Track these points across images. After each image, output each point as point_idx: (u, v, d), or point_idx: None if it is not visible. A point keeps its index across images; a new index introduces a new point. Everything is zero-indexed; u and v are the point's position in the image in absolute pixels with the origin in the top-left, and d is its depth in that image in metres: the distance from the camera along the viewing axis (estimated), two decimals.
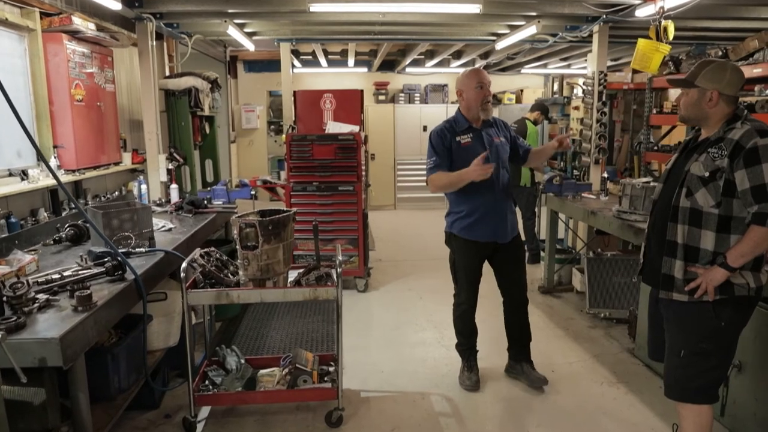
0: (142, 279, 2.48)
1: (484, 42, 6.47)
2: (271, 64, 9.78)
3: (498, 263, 3.34)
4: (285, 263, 2.82)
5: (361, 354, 3.79)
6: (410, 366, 3.68)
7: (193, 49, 5.76)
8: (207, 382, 3.00)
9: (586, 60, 8.90)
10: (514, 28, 5.50)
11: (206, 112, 5.41)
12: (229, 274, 2.88)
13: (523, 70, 10.17)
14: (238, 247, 2.73)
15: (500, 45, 6.12)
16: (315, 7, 4.25)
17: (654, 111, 5.91)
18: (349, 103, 5.37)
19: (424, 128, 9.86)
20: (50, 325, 1.93)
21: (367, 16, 4.98)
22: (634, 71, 7.28)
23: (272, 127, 11.10)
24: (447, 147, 3.14)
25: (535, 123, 6.09)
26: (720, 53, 4.95)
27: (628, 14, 4.38)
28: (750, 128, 2.11)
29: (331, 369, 3.20)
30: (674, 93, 8.80)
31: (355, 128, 5.29)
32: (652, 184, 3.81)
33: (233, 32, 5.24)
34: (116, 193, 4.35)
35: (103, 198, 4.19)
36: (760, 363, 2.60)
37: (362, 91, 5.53)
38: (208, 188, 4.77)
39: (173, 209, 4.03)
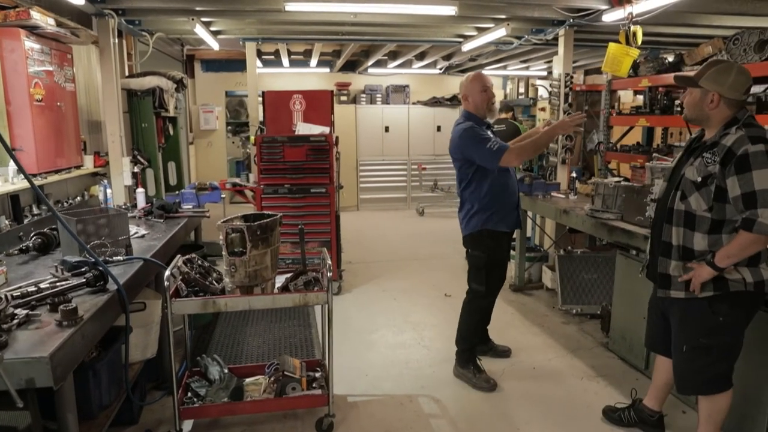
0: (124, 289, 2.35)
1: (450, 44, 6.52)
2: (230, 64, 9.56)
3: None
4: (273, 269, 2.75)
5: (343, 358, 3.74)
6: (394, 369, 3.65)
7: (149, 47, 5.54)
8: (190, 393, 2.88)
9: (545, 62, 9.15)
10: (481, 30, 5.57)
11: (171, 113, 5.21)
12: (213, 282, 2.78)
13: (483, 72, 10.32)
14: (224, 253, 2.64)
15: (467, 47, 6.18)
16: (290, 6, 4.17)
17: (613, 112, 6.12)
18: (320, 104, 5.29)
19: (386, 129, 9.89)
20: (35, 342, 1.80)
21: (339, 16, 4.93)
22: (586, 73, 7.52)
23: (229, 128, 10.85)
24: (488, 131, 3.28)
25: None
26: (675, 58, 5.18)
27: (594, 19, 4.51)
28: (743, 134, 2.16)
29: (318, 375, 3.14)
30: (623, 95, 9.15)
31: (326, 129, 5.23)
32: (623, 183, 3.94)
33: (200, 31, 5.07)
34: (78, 198, 4.13)
35: (65, 204, 3.96)
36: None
37: (332, 91, 5.46)
38: (177, 192, 4.58)
39: (142, 214, 3.86)
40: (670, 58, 5.39)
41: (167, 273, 2.55)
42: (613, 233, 3.68)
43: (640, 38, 4.02)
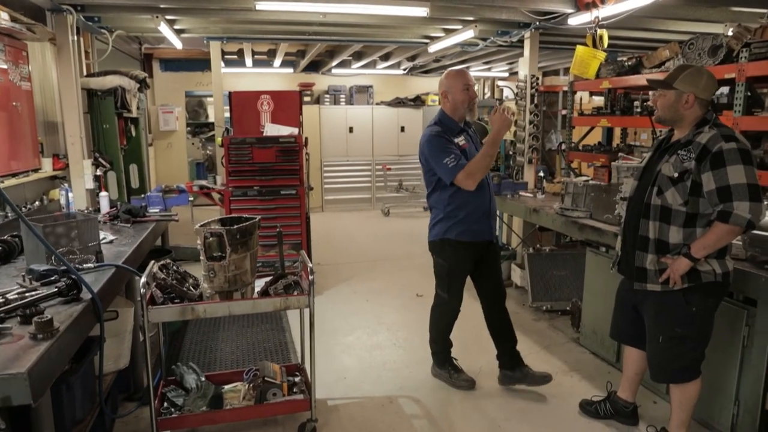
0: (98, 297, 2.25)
1: (417, 45, 6.55)
2: (190, 63, 9.33)
3: (483, 265, 3.30)
4: (252, 273, 2.69)
5: (320, 361, 3.66)
6: (372, 371, 3.64)
7: (107, 45, 5.34)
8: (166, 404, 2.79)
9: (507, 63, 9.32)
10: (449, 32, 5.62)
11: (134, 114, 5.03)
12: (190, 287, 2.70)
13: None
14: (202, 258, 2.56)
15: (433, 48, 6.23)
16: (261, 6, 4.09)
17: (576, 113, 6.29)
18: (288, 105, 5.22)
19: (351, 129, 9.86)
20: (9, 357, 1.70)
21: (308, 16, 4.87)
22: (544, 74, 7.73)
23: (188, 129, 10.58)
24: (452, 145, 3.05)
25: None
26: (634, 61, 5.36)
27: (560, 22, 4.62)
28: (716, 133, 2.28)
29: (297, 379, 3.10)
30: (578, 97, 9.43)
31: (295, 130, 5.17)
32: (591, 182, 4.05)
33: (164, 29, 4.92)
34: (37, 203, 3.93)
35: (24, 209, 3.76)
36: None
37: (301, 92, 5.40)
38: (142, 195, 4.43)
39: (108, 219, 3.71)
40: (629, 61, 5.58)
41: (143, 280, 2.46)
42: (584, 231, 3.77)
43: (606, 41, 4.15)
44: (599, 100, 8.91)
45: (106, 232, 3.38)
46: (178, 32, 5.70)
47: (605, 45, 4.16)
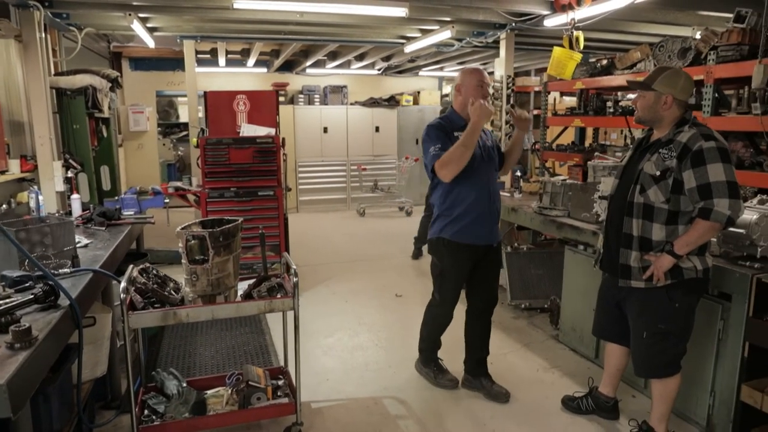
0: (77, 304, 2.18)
1: (393, 45, 6.56)
2: (161, 62, 9.14)
3: (480, 269, 3.17)
4: (235, 276, 2.65)
5: (302, 364, 3.61)
6: (355, 372, 3.62)
7: (75, 43, 5.19)
8: (147, 411, 2.72)
9: (481, 63, 9.39)
10: (425, 32, 5.64)
11: (105, 114, 4.90)
12: (171, 291, 2.63)
13: (420, 73, 10.48)
14: (184, 261, 2.51)
15: (410, 48, 6.24)
16: (239, 4, 4.03)
17: (549, 113, 6.39)
18: (265, 105, 5.16)
19: (325, 130, 9.80)
20: None
21: (285, 15, 4.82)
22: (516, 75, 7.81)
23: (159, 129, 10.36)
24: (448, 137, 2.95)
25: None
26: (606, 62, 5.47)
27: (536, 23, 4.68)
28: (696, 132, 2.36)
29: (281, 382, 3.06)
30: (550, 97, 9.61)
31: (272, 131, 5.11)
32: (569, 181, 4.12)
33: (137, 27, 4.80)
34: (4, 206, 3.79)
35: None
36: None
37: (278, 92, 5.34)
38: (116, 198, 4.31)
39: (81, 222, 3.60)
40: (600, 62, 5.69)
41: (123, 284, 2.39)
42: (562, 229, 3.83)
43: (582, 43, 4.23)
44: (570, 101, 9.09)
45: (80, 235, 3.29)
46: (151, 30, 5.58)
47: (581, 46, 4.25)
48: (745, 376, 2.63)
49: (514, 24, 4.91)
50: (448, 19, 4.94)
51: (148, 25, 5.38)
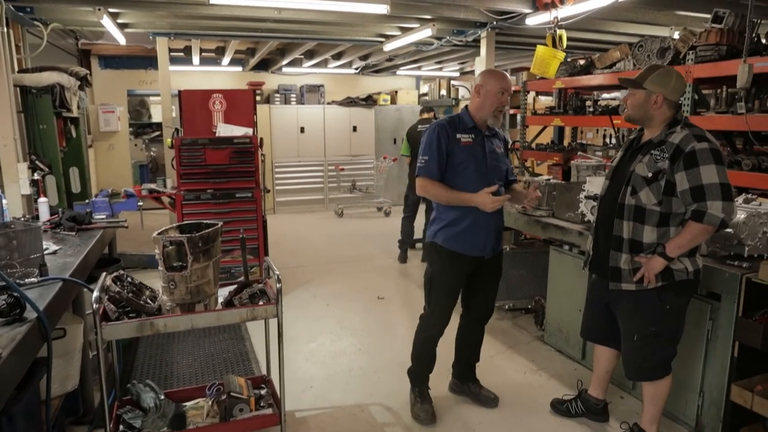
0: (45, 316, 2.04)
1: (372, 43, 6.47)
2: (132, 61, 8.89)
3: (476, 279, 2.99)
4: (215, 282, 2.53)
5: (285, 371, 3.55)
6: (339, 378, 3.53)
7: (40, 39, 4.96)
8: (122, 427, 2.58)
9: (459, 63, 9.38)
10: (405, 30, 5.57)
11: (74, 113, 4.69)
12: (148, 300, 2.50)
13: (398, 72, 10.41)
14: (161, 268, 2.38)
15: (389, 47, 6.16)
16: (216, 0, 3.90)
17: (529, 112, 6.38)
18: (241, 104, 5.02)
19: (302, 129, 9.67)
20: None
21: (262, 11, 4.69)
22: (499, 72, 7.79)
23: (130, 129, 10.08)
24: (444, 146, 2.78)
25: None
26: (585, 61, 5.49)
27: (517, 22, 4.65)
28: (688, 133, 2.32)
29: (263, 392, 2.95)
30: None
31: (249, 130, 4.98)
32: (553, 181, 4.09)
33: (107, 23, 4.61)
34: None
35: None
36: None
37: (255, 91, 5.20)
38: (86, 201, 4.13)
39: (49, 227, 3.42)
40: (579, 62, 5.71)
41: (95, 294, 2.25)
42: (547, 230, 3.80)
43: (565, 42, 4.21)
44: (546, 100, 9.13)
45: (49, 241, 3.12)
46: (122, 27, 5.38)
47: (564, 45, 4.23)
48: (735, 375, 2.62)
49: (495, 22, 4.87)
50: (429, 16, 4.88)
51: (119, 21, 5.17)
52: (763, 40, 3.76)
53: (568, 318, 3.71)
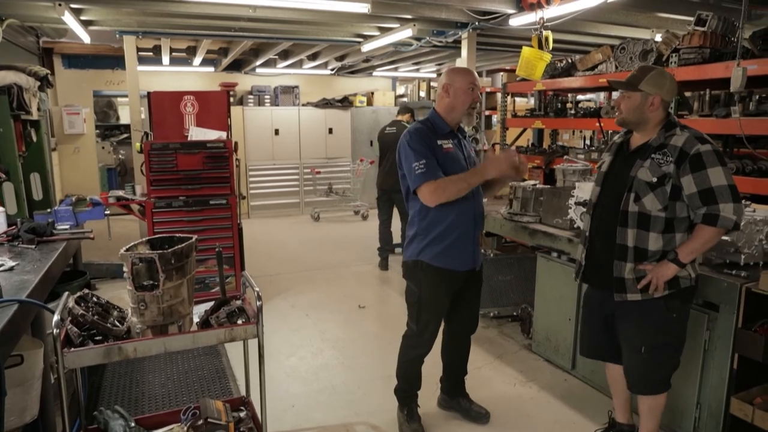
0: None
1: (349, 43, 6.31)
2: (98, 60, 8.54)
3: (461, 292, 2.85)
4: (190, 301, 2.34)
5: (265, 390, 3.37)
6: (322, 395, 3.36)
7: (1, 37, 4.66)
8: None
9: (436, 64, 9.29)
10: (384, 30, 5.42)
11: (34, 116, 4.41)
12: (116, 322, 2.30)
13: (374, 73, 10.27)
14: (129, 288, 2.18)
15: (367, 47, 6.01)
16: None
17: (509, 114, 6.32)
18: (215, 107, 4.80)
19: (276, 132, 9.45)
20: None
21: (236, 9, 4.49)
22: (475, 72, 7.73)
23: (97, 131, 9.70)
24: (432, 148, 2.60)
25: None
26: (565, 63, 5.43)
27: (500, 23, 4.55)
28: (690, 135, 2.25)
29: (243, 414, 2.76)
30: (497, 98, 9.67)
31: (223, 134, 4.76)
32: (540, 186, 3.99)
33: (69, 20, 4.33)
34: None
35: None
36: None
37: (229, 92, 4.99)
38: (48, 210, 3.87)
39: (6, 240, 3.17)
40: (561, 63, 5.66)
41: (56, 317, 2.04)
42: (535, 236, 3.70)
43: (551, 43, 4.13)
44: (522, 101, 9.11)
45: (4, 256, 2.88)
46: (86, 24, 5.09)
47: (550, 46, 4.14)
48: (734, 388, 2.55)
49: (477, 23, 4.77)
50: (410, 16, 4.74)
51: (83, 18, 4.89)
52: (747, 45, 3.74)
53: (557, 327, 3.62)
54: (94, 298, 2.35)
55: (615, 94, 6.79)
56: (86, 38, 5.22)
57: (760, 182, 3.47)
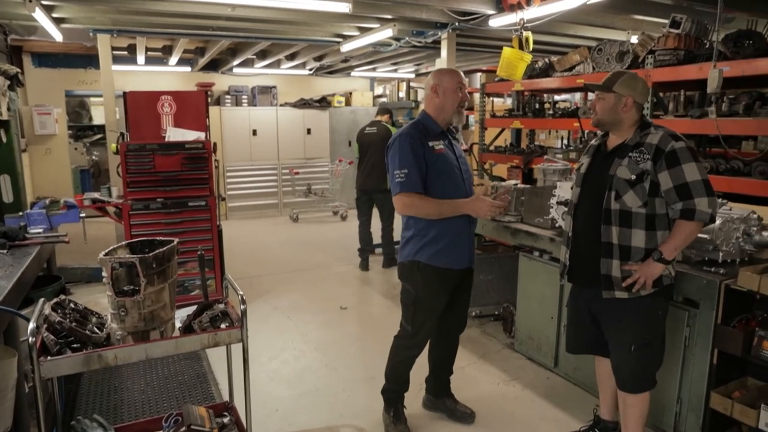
0: None
1: (329, 43, 6.27)
2: (70, 59, 8.34)
3: (456, 291, 2.86)
4: (171, 306, 2.29)
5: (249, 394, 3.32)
6: (306, 399, 3.33)
7: None
8: None
9: (414, 64, 9.30)
10: (363, 30, 5.40)
11: (4, 116, 4.27)
12: (95, 328, 2.23)
13: (352, 73, 10.25)
14: (109, 293, 2.12)
15: (347, 47, 5.98)
16: None
17: (488, 115, 6.35)
18: (193, 107, 4.72)
19: (254, 132, 9.36)
20: None
21: (213, 8, 4.41)
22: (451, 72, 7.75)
23: (69, 132, 9.45)
24: (421, 155, 2.60)
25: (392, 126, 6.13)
26: (543, 64, 5.48)
27: (480, 23, 4.57)
28: (664, 133, 2.32)
29: (226, 420, 2.72)
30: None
31: (202, 135, 4.69)
32: (521, 186, 4.02)
33: (40, 17, 4.20)
34: None
35: None
36: None
37: (207, 92, 4.91)
38: (20, 213, 3.75)
39: None
40: (539, 64, 5.71)
41: (31, 326, 1.97)
42: (517, 236, 3.73)
43: (531, 44, 4.16)
44: (498, 102, 9.17)
45: None
46: (58, 21, 4.94)
47: (531, 47, 4.17)
48: (714, 382, 2.60)
49: (457, 23, 4.78)
50: (390, 16, 4.73)
51: (54, 15, 4.74)
52: (719, 48, 3.82)
53: (539, 326, 3.65)
54: (72, 305, 2.28)
55: (591, 95, 6.91)
56: (58, 36, 5.07)
57: (733, 181, 3.55)
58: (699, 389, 2.65)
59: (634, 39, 4.65)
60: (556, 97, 8.23)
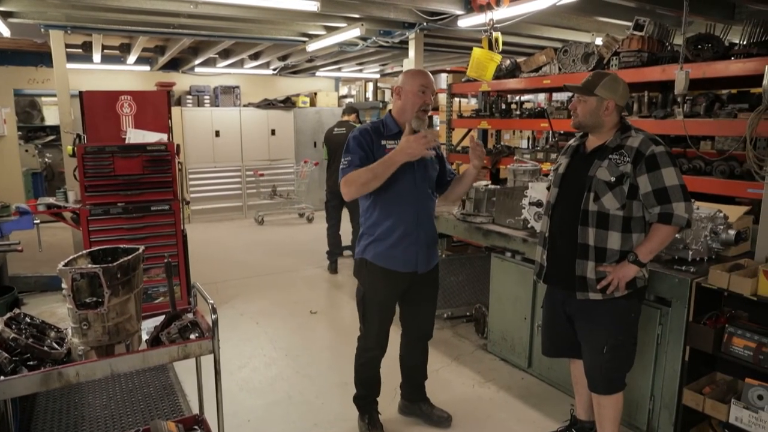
0: None
1: (294, 42, 6.15)
2: (18, 56, 7.95)
3: (411, 295, 2.80)
4: (138, 318, 2.17)
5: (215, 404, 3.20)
6: (278, 407, 3.23)
7: None
8: None
9: (380, 65, 9.25)
10: (330, 30, 5.32)
11: None
12: (53, 344, 2.09)
13: (317, 73, 10.13)
14: (70, 306, 1.99)
15: (313, 46, 5.88)
16: None
17: (455, 115, 6.36)
18: (154, 107, 4.55)
19: (217, 133, 9.15)
20: None
21: (175, 5, 4.25)
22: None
23: (20, 133, 9.02)
24: (369, 147, 2.57)
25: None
26: (509, 64, 5.53)
27: (448, 24, 4.56)
28: (644, 137, 2.33)
29: None
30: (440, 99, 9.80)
31: (164, 136, 4.53)
32: (490, 187, 4.02)
33: None
34: None
35: None
36: None
37: (169, 92, 4.74)
38: None
39: None
40: (505, 64, 5.75)
41: None
42: (489, 237, 3.72)
43: (501, 44, 4.17)
44: (462, 102, 9.22)
45: None
46: (5, 15, 4.67)
47: (500, 47, 4.18)
48: (686, 379, 2.64)
49: (425, 23, 4.75)
50: (358, 15, 4.66)
51: (2, 8, 4.47)
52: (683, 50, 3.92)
53: (512, 326, 3.65)
54: (27, 319, 2.14)
55: (556, 96, 7.01)
56: (6, 32, 4.78)
57: (696, 180, 3.63)
58: (671, 386, 2.69)
59: (599, 41, 4.72)
60: (524, 97, 8.36)
